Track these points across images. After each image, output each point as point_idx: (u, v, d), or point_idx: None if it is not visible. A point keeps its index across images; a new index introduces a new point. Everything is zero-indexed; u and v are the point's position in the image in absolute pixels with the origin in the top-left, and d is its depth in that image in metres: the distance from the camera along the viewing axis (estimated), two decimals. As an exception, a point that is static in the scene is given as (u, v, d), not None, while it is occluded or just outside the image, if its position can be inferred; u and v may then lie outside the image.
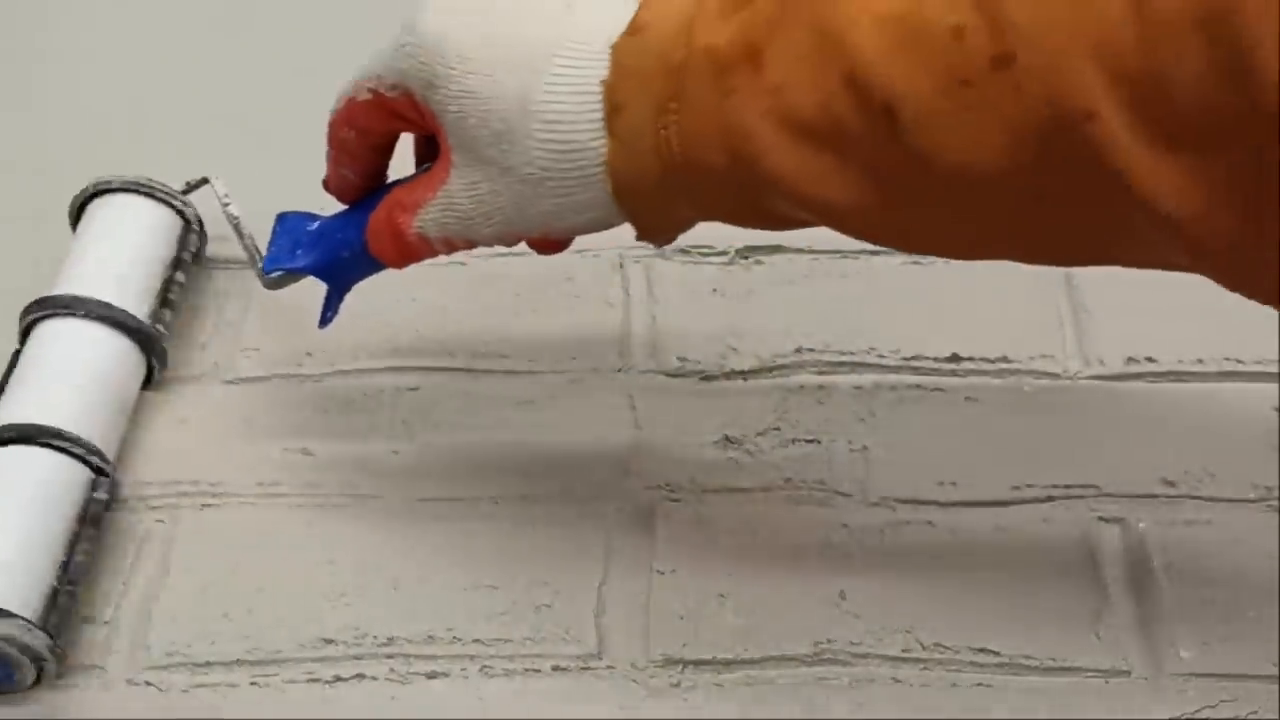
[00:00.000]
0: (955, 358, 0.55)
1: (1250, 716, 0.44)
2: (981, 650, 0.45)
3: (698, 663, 0.45)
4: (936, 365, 0.55)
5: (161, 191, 0.56)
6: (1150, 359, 0.55)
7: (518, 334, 0.56)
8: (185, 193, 0.57)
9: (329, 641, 0.46)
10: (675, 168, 0.36)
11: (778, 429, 0.52)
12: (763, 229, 0.39)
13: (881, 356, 0.55)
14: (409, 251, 0.42)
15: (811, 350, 0.55)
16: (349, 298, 0.48)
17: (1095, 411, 0.53)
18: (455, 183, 0.40)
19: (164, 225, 0.56)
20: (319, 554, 0.48)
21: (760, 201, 0.36)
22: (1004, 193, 0.33)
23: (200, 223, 0.57)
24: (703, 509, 0.50)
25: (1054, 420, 0.53)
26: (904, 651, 0.45)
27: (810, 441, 0.52)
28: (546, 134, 0.37)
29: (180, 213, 0.56)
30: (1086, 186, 0.31)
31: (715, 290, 0.58)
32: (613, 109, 0.36)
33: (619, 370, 0.55)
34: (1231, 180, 0.29)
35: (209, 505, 0.50)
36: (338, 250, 0.45)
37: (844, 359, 0.55)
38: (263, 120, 0.65)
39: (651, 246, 0.44)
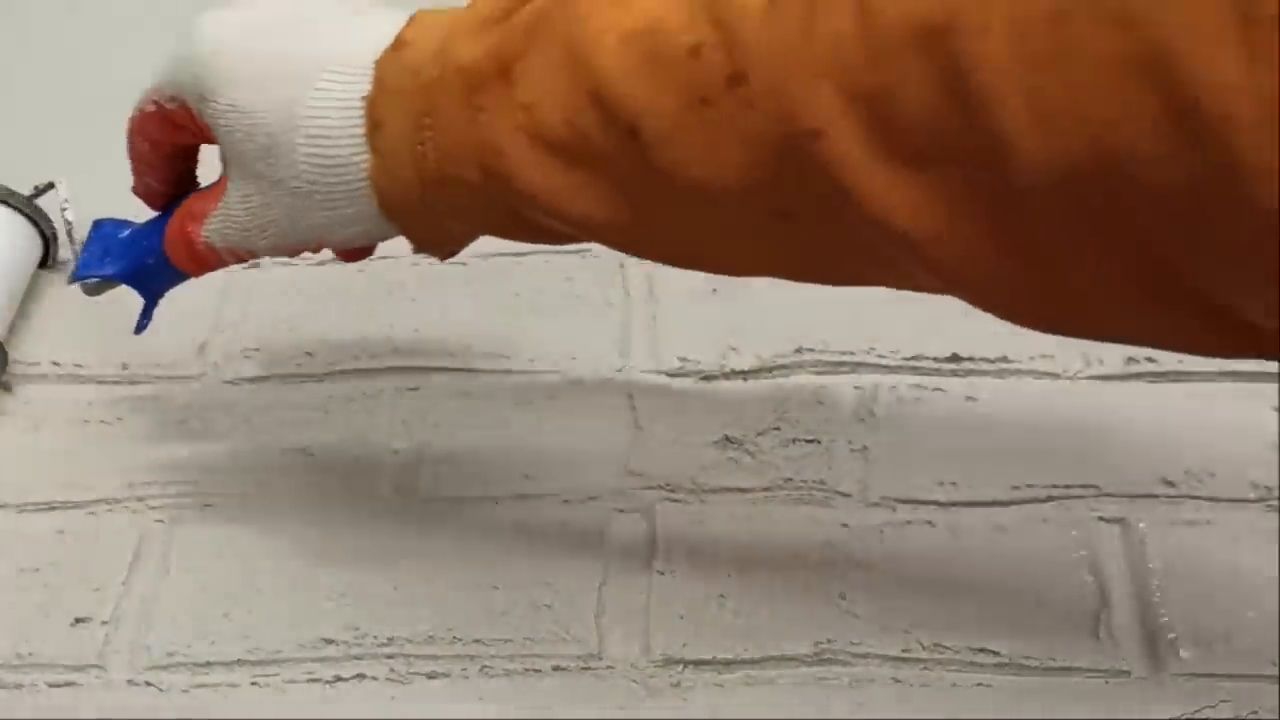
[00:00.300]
0: (955, 358, 0.55)
1: (1250, 716, 0.44)
2: (981, 650, 0.45)
3: (698, 663, 0.45)
4: (936, 365, 0.55)
5: (14, 199, 0.57)
6: (1150, 359, 0.55)
7: (518, 334, 0.56)
8: (33, 197, 0.58)
9: (329, 641, 0.46)
10: (434, 183, 0.36)
11: (778, 429, 0.52)
12: (535, 242, 0.39)
13: (881, 356, 0.55)
14: (200, 260, 0.42)
15: (811, 350, 0.55)
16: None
17: (1095, 411, 0.53)
18: (232, 194, 0.40)
19: (18, 231, 0.56)
20: (319, 554, 0.48)
21: (522, 216, 0.36)
22: (749, 210, 0.33)
23: (53, 227, 0.58)
24: (703, 509, 0.50)
25: (1054, 420, 0.53)
26: (904, 651, 0.45)
27: (810, 441, 0.52)
28: (311, 148, 0.37)
29: (30, 218, 0.57)
30: (822, 205, 0.31)
31: (715, 290, 0.58)
32: (373, 125, 0.37)
33: (619, 370, 0.55)
34: (968, 199, 0.29)
35: (209, 505, 0.50)
36: (143, 257, 0.45)
37: (844, 359, 0.55)
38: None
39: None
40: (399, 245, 0.41)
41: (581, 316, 0.57)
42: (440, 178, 0.36)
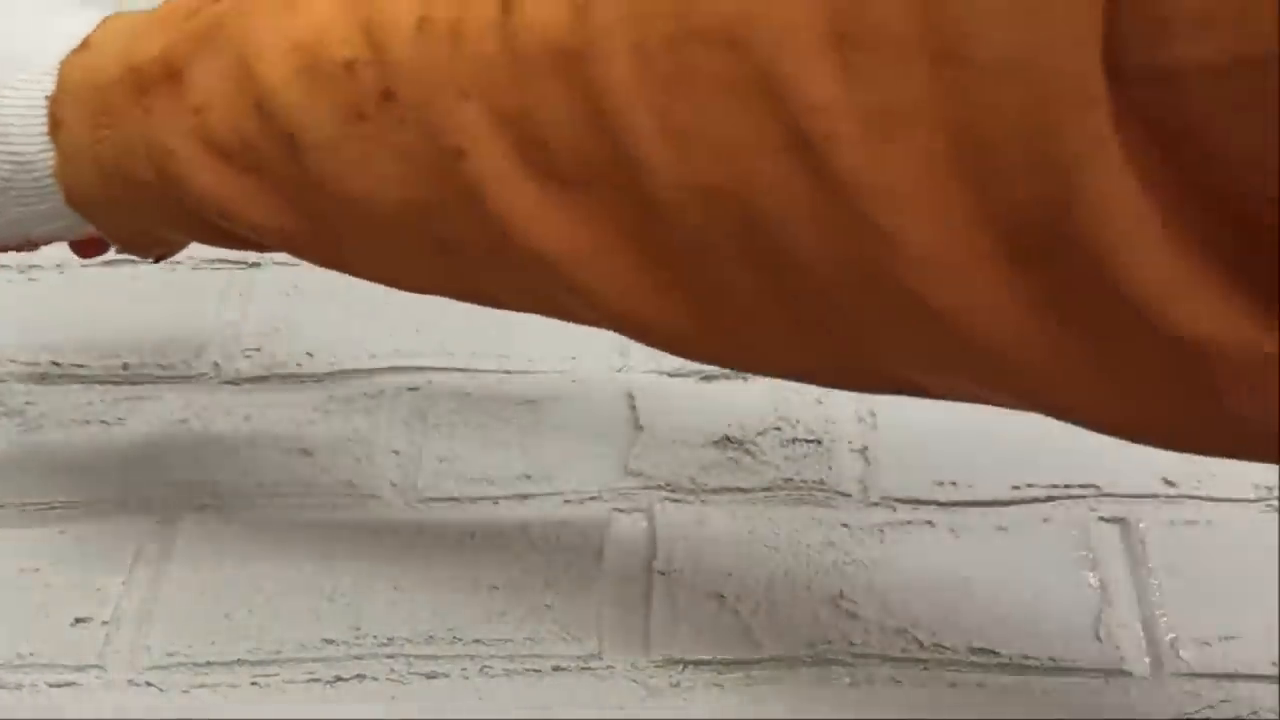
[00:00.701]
0: (955, 358, 0.55)
1: (1250, 716, 0.44)
2: (981, 650, 0.45)
3: (698, 663, 0.45)
4: (936, 365, 0.55)
5: None
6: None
7: (518, 334, 0.56)
8: None
9: (329, 641, 0.46)
10: (114, 182, 0.36)
11: (778, 429, 0.52)
12: (235, 248, 0.38)
13: (881, 356, 0.55)
14: None
15: (811, 350, 0.55)
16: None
17: (1095, 411, 0.53)
18: None
19: None
20: (319, 554, 0.48)
21: (206, 220, 0.36)
22: (413, 227, 0.33)
23: None
24: (703, 509, 0.50)
25: (1054, 420, 0.53)
26: (904, 651, 0.45)
27: (810, 441, 0.52)
28: (4, 146, 0.37)
29: None
30: (476, 228, 0.31)
31: (715, 290, 0.57)
32: (54, 123, 0.37)
33: (619, 370, 0.55)
34: (615, 221, 0.29)
35: (209, 505, 0.50)
36: None
37: (844, 359, 0.55)
38: None
39: None
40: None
41: (581, 316, 0.57)
42: (119, 177, 0.36)
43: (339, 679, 0.45)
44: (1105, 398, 0.27)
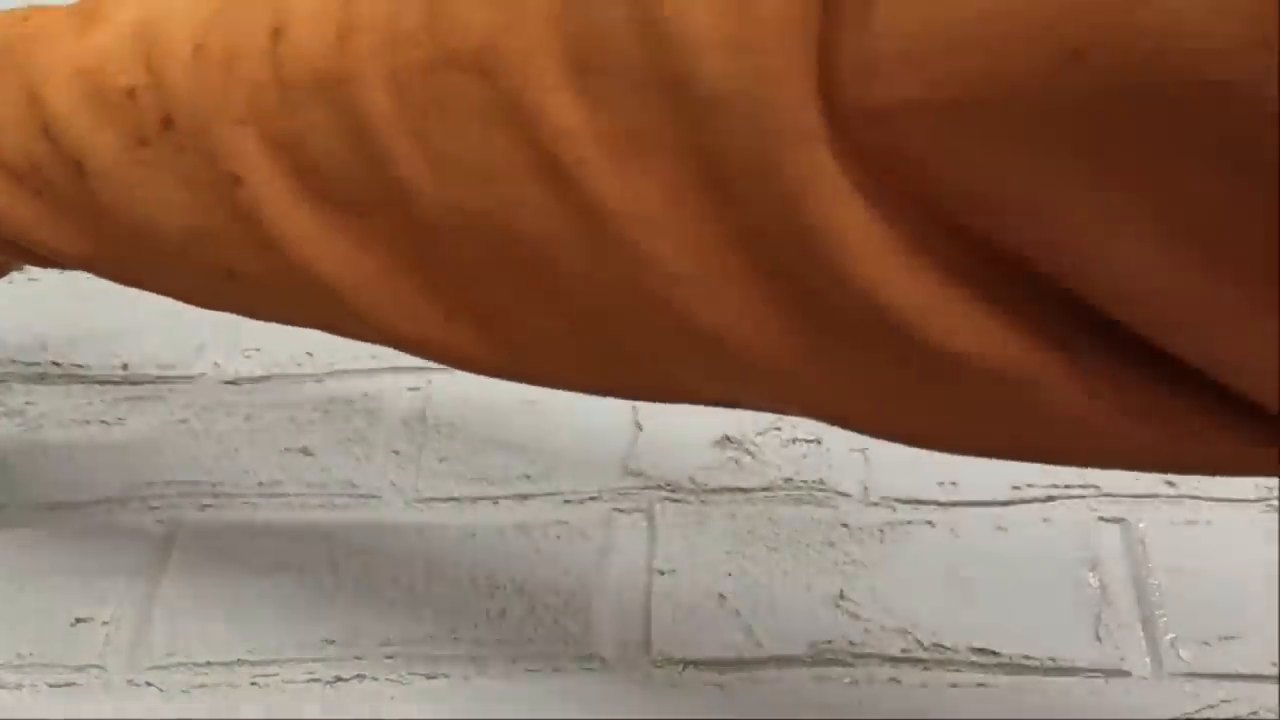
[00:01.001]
0: (955, 358, 0.55)
1: (1250, 716, 0.44)
2: (981, 650, 0.45)
3: (698, 663, 0.45)
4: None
5: None
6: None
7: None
8: None
9: (329, 642, 0.46)
10: None
11: (778, 429, 0.52)
12: (50, 267, 0.38)
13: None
14: None
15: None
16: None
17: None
18: None
19: None
20: (319, 554, 0.48)
21: (5, 240, 0.35)
22: (199, 253, 0.32)
23: None
24: (703, 509, 0.50)
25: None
26: (904, 651, 0.45)
27: (810, 441, 0.52)
28: None
29: None
30: (257, 251, 0.31)
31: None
32: None
33: (619, 370, 0.55)
34: (392, 246, 0.29)
35: (209, 505, 0.50)
36: None
37: (844, 359, 0.55)
38: None
39: None
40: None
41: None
42: None
43: (339, 679, 0.45)
44: (889, 410, 0.27)
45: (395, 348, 0.32)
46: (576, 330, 0.28)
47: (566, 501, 0.50)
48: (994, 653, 0.45)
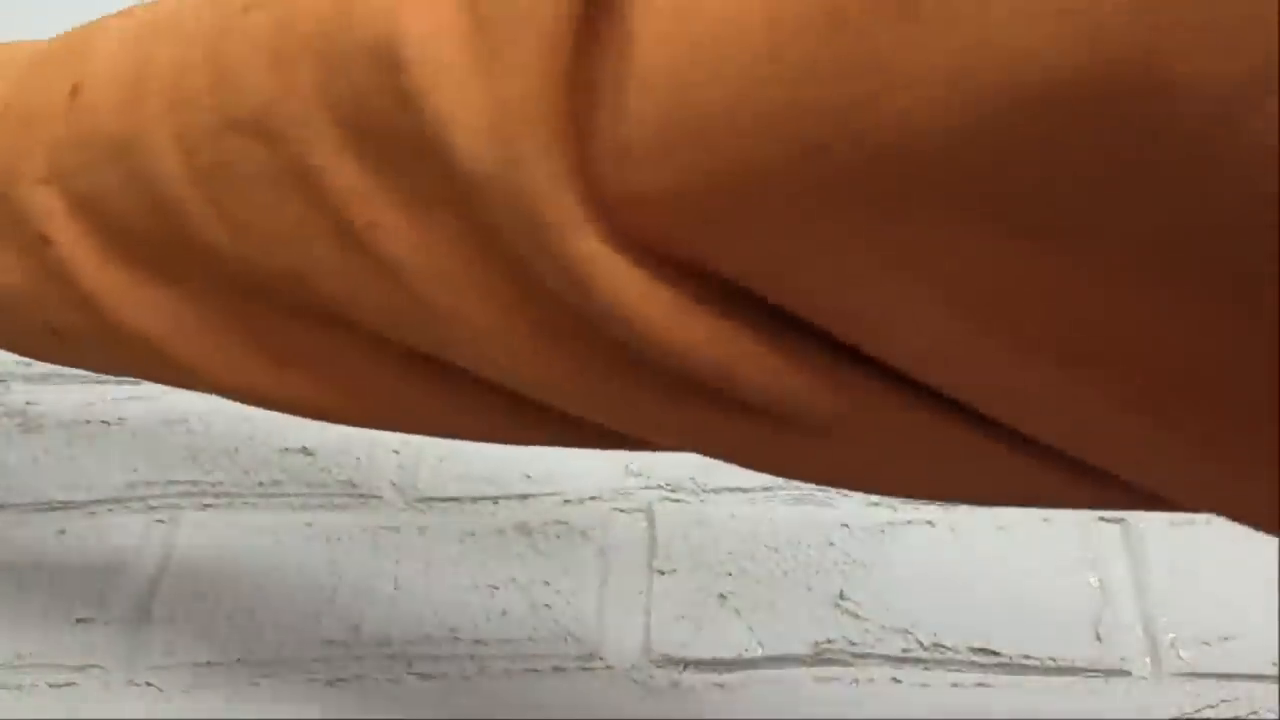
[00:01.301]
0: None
1: (1250, 716, 0.44)
2: (981, 650, 0.45)
3: (698, 663, 0.45)
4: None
5: None
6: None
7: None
8: None
9: (329, 642, 0.46)
10: None
11: (778, 429, 0.52)
12: None
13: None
14: None
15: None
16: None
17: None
18: None
19: None
20: (319, 554, 0.48)
21: None
22: (23, 313, 0.32)
23: None
24: (703, 509, 0.50)
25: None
26: (904, 651, 0.45)
27: (810, 441, 0.52)
28: None
29: None
30: (74, 309, 0.30)
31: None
32: None
33: (619, 370, 0.55)
34: (206, 303, 0.29)
35: (209, 505, 0.50)
36: None
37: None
38: None
39: None
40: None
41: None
42: None
43: (339, 679, 0.45)
44: (720, 454, 0.27)
45: (233, 399, 0.32)
46: (405, 377, 0.28)
47: (566, 501, 0.50)
48: (994, 653, 0.45)
